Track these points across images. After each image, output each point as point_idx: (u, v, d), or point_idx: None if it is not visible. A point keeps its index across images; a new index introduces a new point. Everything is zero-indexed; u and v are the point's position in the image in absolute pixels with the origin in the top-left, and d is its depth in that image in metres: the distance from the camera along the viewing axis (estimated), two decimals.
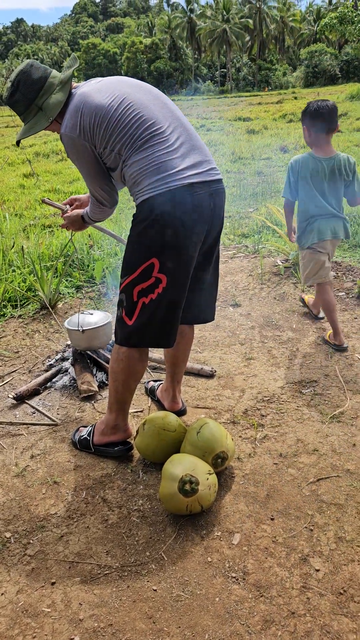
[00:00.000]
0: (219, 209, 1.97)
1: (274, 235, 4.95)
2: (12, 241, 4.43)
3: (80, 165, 1.94)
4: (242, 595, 1.56)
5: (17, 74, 1.92)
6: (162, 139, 1.82)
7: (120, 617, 1.53)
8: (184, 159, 1.84)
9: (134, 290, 1.90)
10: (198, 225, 1.87)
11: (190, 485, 1.76)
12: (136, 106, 1.84)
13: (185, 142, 1.88)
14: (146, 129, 1.81)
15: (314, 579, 1.60)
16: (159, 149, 1.81)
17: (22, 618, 1.54)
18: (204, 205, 1.86)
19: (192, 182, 1.82)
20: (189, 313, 2.15)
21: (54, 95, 1.90)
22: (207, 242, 1.99)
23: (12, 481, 2.10)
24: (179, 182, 1.79)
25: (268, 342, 3.04)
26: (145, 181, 1.81)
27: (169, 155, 1.81)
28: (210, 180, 1.89)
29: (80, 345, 2.83)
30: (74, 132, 1.84)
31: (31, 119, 1.95)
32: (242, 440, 2.23)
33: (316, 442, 2.18)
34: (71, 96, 1.90)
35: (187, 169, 1.82)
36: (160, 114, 1.87)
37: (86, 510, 1.93)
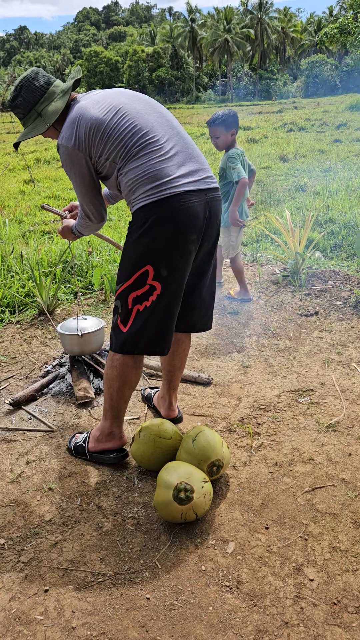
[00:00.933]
0: (214, 218, 1.97)
1: (273, 244, 4.97)
2: (12, 247, 4.44)
3: (73, 176, 1.95)
4: (236, 605, 1.56)
5: (21, 79, 1.96)
6: (156, 147, 1.83)
7: (113, 625, 1.52)
8: (179, 167, 1.85)
9: (128, 297, 1.91)
10: (193, 233, 1.88)
11: (185, 493, 1.76)
12: (131, 115, 1.86)
13: (180, 150, 1.89)
14: (140, 137, 1.83)
15: (308, 588, 1.59)
16: (153, 157, 1.82)
17: (14, 625, 1.54)
18: (199, 214, 1.87)
19: (187, 190, 1.83)
20: (186, 321, 2.15)
21: (54, 103, 1.93)
22: (203, 251, 2.00)
23: (7, 487, 2.09)
24: (173, 190, 1.80)
25: (265, 351, 3.04)
26: (140, 189, 1.82)
27: (164, 164, 1.82)
28: (206, 189, 1.90)
29: (73, 351, 2.83)
30: (70, 142, 1.86)
31: (30, 124, 1.98)
32: (237, 448, 2.23)
33: (312, 451, 2.18)
34: (71, 107, 1.93)
35: (182, 177, 1.83)
36: (155, 123, 1.89)
37: (81, 517, 1.92)
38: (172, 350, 2.24)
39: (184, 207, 1.82)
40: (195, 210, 1.85)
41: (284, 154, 11.51)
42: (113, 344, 2.00)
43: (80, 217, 2.13)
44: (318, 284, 3.86)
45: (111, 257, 4.54)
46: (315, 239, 4.32)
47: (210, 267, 2.10)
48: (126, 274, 1.91)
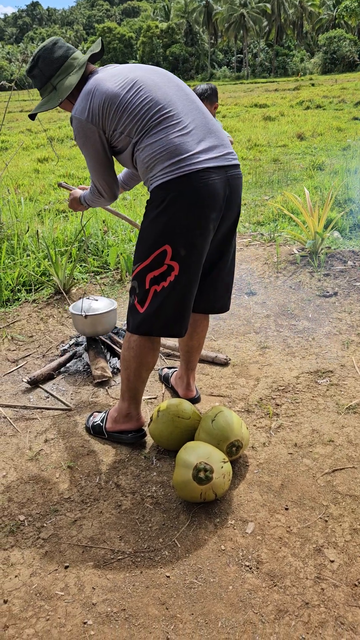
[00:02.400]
0: (235, 196, 1.92)
1: (291, 224, 4.89)
2: (27, 225, 4.42)
3: (86, 150, 1.90)
4: (256, 584, 1.55)
5: (39, 49, 1.91)
6: (174, 122, 1.78)
7: (133, 602, 1.53)
8: (198, 143, 1.79)
9: (146, 278, 1.88)
10: (213, 212, 1.83)
11: (205, 473, 1.75)
12: (148, 89, 1.80)
13: (200, 125, 1.83)
14: (158, 111, 1.77)
15: (329, 570, 1.58)
16: (172, 132, 1.76)
17: (35, 600, 1.55)
18: (219, 191, 1.82)
19: (208, 167, 1.77)
20: (204, 302, 2.12)
21: (69, 77, 1.88)
22: (222, 230, 1.96)
23: (26, 465, 2.10)
24: (193, 167, 1.75)
25: (283, 331, 3.00)
26: (159, 166, 1.77)
27: (183, 138, 1.76)
28: (227, 165, 1.84)
29: (84, 331, 2.81)
30: (83, 115, 1.82)
31: (46, 96, 1.95)
32: (256, 429, 2.21)
33: (332, 432, 2.15)
34: (88, 79, 1.88)
35: (201, 152, 1.78)
36: (174, 97, 1.83)
37: (99, 495, 1.93)
38: (190, 331, 2.21)
39: (204, 184, 1.77)
40: (215, 187, 1.80)
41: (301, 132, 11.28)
42: (130, 325, 1.98)
43: (91, 191, 2.10)
44: (337, 265, 3.80)
45: (127, 236, 4.51)
46: (334, 219, 4.23)
47: (230, 247, 2.06)
48: (144, 254, 1.88)
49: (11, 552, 1.71)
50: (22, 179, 8.48)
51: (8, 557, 1.69)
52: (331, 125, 12.24)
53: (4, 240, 4.08)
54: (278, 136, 11.21)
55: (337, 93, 21.27)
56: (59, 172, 8.94)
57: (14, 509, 1.89)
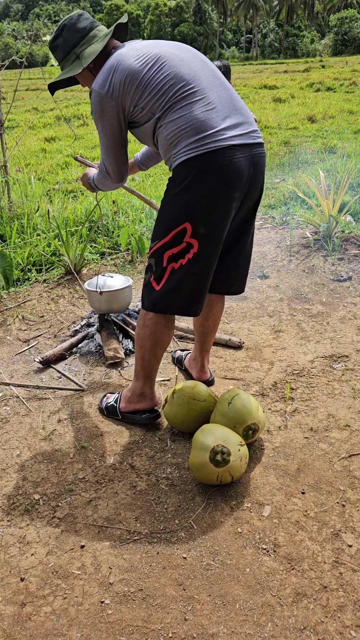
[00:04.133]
0: (259, 175, 1.87)
1: (303, 207, 4.82)
2: (37, 205, 4.37)
3: (101, 125, 1.85)
4: (273, 567, 1.54)
5: (64, 20, 1.88)
6: (199, 97, 1.73)
7: (150, 582, 1.52)
8: (224, 119, 1.74)
9: (164, 255, 1.85)
10: (236, 191, 1.79)
11: (222, 456, 1.73)
12: (171, 64, 1.75)
13: (225, 101, 1.78)
14: (182, 86, 1.73)
15: (347, 554, 1.57)
16: (196, 107, 1.72)
17: (52, 579, 1.55)
18: (243, 170, 1.78)
19: (233, 145, 1.73)
20: (220, 283, 2.09)
21: (93, 45, 1.85)
22: (244, 209, 1.92)
23: (39, 444, 2.09)
24: (218, 144, 1.71)
25: (297, 315, 2.97)
26: (182, 142, 1.73)
27: (208, 114, 1.72)
28: (252, 144, 1.80)
29: (100, 308, 2.80)
30: (103, 89, 1.77)
31: (68, 66, 1.90)
32: (271, 413, 2.20)
33: (348, 417, 2.13)
34: (111, 54, 1.83)
35: (227, 129, 1.73)
36: (199, 72, 1.78)
37: (114, 476, 1.92)
38: (205, 312, 2.19)
39: (228, 162, 1.73)
40: (240, 166, 1.76)
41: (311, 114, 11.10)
42: (145, 302, 1.95)
43: (100, 172, 2.05)
44: (351, 249, 3.75)
45: (137, 217, 4.45)
46: (347, 203, 4.17)
47: (251, 228, 2.02)
48: (163, 232, 1.84)
49: (27, 530, 1.71)
50: (29, 158, 8.39)
51: (24, 536, 1.69)
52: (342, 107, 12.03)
53: (14, 219, 4.04)
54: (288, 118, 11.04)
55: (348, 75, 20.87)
56: (67, 152, 8.84)
57: (28, 487, 1.88)
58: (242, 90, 17.65)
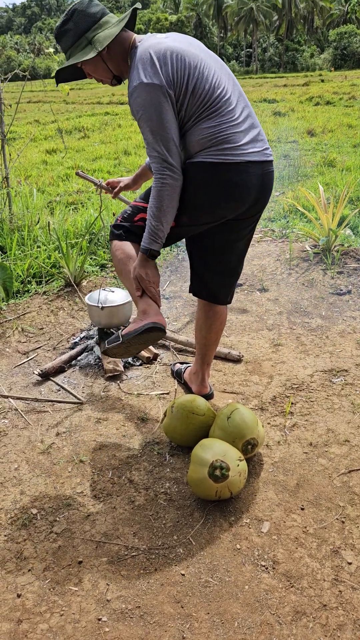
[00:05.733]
0: (267, 191, 1.94)
1: (302, 220, 4.85)
2: (38, 217, 4.39)
3: (157, 117, 1.70)
4: (272, 585, 1.53)
5: (74, 4, 1.79)
6: (229, 109, 1.78)
7: (148, 599, 1.51)
8: (246, 134, 1.82)
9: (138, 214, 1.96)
10: (235, 204, 1.86)
11: (221, 471, 1.73)
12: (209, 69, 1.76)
13: (248, 116, 1.85)
14: (218, 95, 1.76)
15: (346, 572, 1.56)
16: (225, 121, 1.77)
17: (49, 595, 1.53)
18: (251, 187, 1.84)
19: (249, 160, 1.80)
20: (206, 289, 2.13)
21: (108, 30, 1.76)
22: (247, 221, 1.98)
23: (37, 458, 2.08)
24: (238, 158, 1.78)
25: (296, 329, 2.97)
26: (206, 149, 1.78)
27: (234, 129, 1.79)
28: (264, 161, 1.87)
29: (100, 323, 2.80)
30: (154, 79, 1.67)
31: (78, 52, 1.78)
32: (270, 427, 2.19)
33: (347, 432, 2.13)
34: (133, 49, 1.77)
35: (247, 144, 1.81)
36: (226, 82, 1.82)
37: (112, 490, 1.91)
38: (208, 324, 2.19)
39: (239, 177, 1.80)
40: (250, 182, 1.83)
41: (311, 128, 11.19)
42: (110, 235, 2.03)
43: (160, 180, 1.75)
44: (351, 262, 3.76)
45: None
46: (347, 216, 4.19)
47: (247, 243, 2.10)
48: None
49: (24, 545, 1.70)
50: (30, 170, 8.44)
51: (21, 551, 1.68)
52: (342, 121, 12.13)
53: (14, 231, 4.05)
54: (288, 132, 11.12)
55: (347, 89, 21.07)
56: (68, 164, 8.89)
57: (26, 502, 1.87)
58: None
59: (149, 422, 2.27)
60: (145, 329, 1.87)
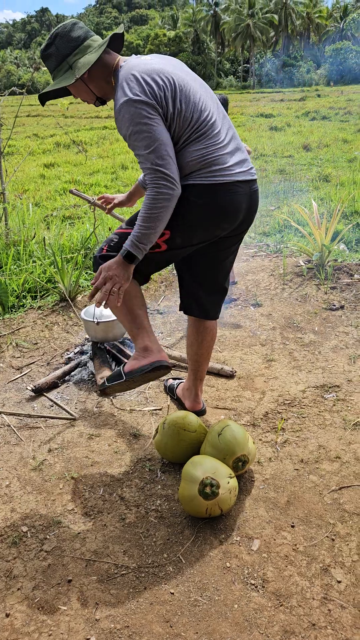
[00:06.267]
0: (254, 209, 1.99)
1: (297, 235, 4.89)
2: (34, 232, 4.42)
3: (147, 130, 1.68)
4: (262, 604, 1.53)
5: (57, 28, 1.82)
6: (216, 132, 1.82)
7: (137, 619, 1.51)
8: (232, 155, 1.86)
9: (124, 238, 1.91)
10: (228, 222, 1.90)
11: (211, 489, 1.73)
12: (187, 93, 1.78)
13: (232, 138, 1.90)
14: (205, 119, 1.80)
15: (336, 590, 1.56)
16: (213, 143, 1.81)
17: (38, 615, 1.53)
18: (241, 206, 1.89)
19: (238, 180, 1.85)
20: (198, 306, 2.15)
21: (88, 55, 1.79)
22: (233, 238, 2.02)
23: (29, 474, 2.08)
24: (227, 178, 1.82)
25: (289, 344, 2.99)
26: (194, 171, 1.81)
27: (221, 151, 1.83)
28: (250, 180, 1.92)
29: (96, 337, 2.82)
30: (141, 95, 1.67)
31: (60, 76, 1.82)
32: (262, 443, 2.19)
33: (338, 449, 2.13)
34: (118, 68, 1.79)
35: (234, 165, 1.85)
36: (212, 106, 1.87)
37: (103, 507, 1.91)
38: (199, 340, 2.21)
39: (230, 196, 1.84)
40: (239, 201, 1.87)
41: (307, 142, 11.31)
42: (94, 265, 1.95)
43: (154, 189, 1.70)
44: (344, 278, 3.79)
45: None
46: (341, 231, 4.23)
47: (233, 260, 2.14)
48: None
49: (14, 564, 1.69)
50: (28, 184, 8.50)
51: (10, 570, 1.67)
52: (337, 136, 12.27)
53: (10, 246, 4.08)
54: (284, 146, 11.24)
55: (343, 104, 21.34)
56: (65, 178, 8.96)
57: (16, 519, 1.87)
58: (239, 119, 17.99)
59: (141, 438, 2.27)
60: (153, 368, 1.89)
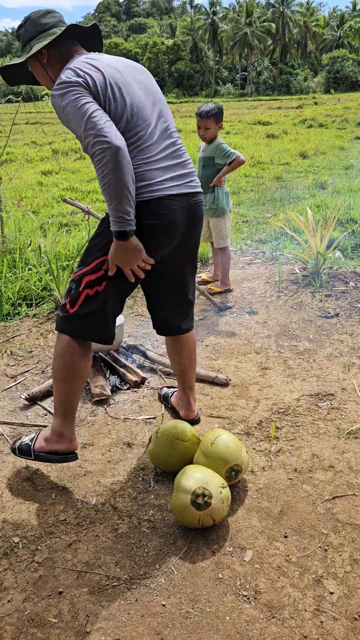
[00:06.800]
0: (196, 223, 1.94)
1: (292, 242, 4.90)
2: (29, 239, 4.42)
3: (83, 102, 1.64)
4: (254, 616, 1.52)
5: (32, 12, 1.88)
6: (146, 145, 1.78)
7: (127, 631, 1.49)
8: (165, 170, 1.81)
9: (83, 280, 1.89)
10: (167, 238, 1.86)
11: (203, 499, 1.72)
12: (130, 96, 1.76)
13: (172, 150, 1.85)
14: (133, 127, 1.76)
15: (328, 602, 1.55)
16: (142, 157, 1.77)
17: (28, 627, 1.52)
18: (178, 219, 1.85)
19: (171, 194, 1.80)
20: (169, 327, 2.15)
21: (46, 40, 1.82)
22: (180, 254, 1.99)
23: (22, 484, 2.07)
24: (156, 194, 1.77)
25: (284, 352, 2.99)
26: None
27: (151, 165, 1.78)
28: (190, 193, 1.87)
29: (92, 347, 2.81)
30: (72, 77, 1.68)
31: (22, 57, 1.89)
32: (256, 452, 2.19)
33: (332, 458, 2.13)
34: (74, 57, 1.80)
35: (167, 180, 1.80)
36: (152, 115, 1.82)
37: (96, 518, 1.90)
38: (178, 352, 2.23)
39: (163, 211, 1.80)
40: (175, 214, 1.83)
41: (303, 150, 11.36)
42: (58, 324, 1.95)
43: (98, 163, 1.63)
44: (339, 285, 3.79)
45: None
46: (337, 239, 4.24)
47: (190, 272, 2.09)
48: (88, 260, 1.88)
49: (4, 575, 1.68)
50: (25, 192, 8.51)
51: (1, 581, 1.66)
52: (334, 144, 12.33)
53: (6, 253, 4.08)
54: (281, 154, 11.29)
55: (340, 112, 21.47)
56: (63, 185, 8.98)
57: (8, 530, 1.85)
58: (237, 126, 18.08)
59: (134, 447, 2.27)
60: (61, 459, 2.00)
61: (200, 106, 3.56)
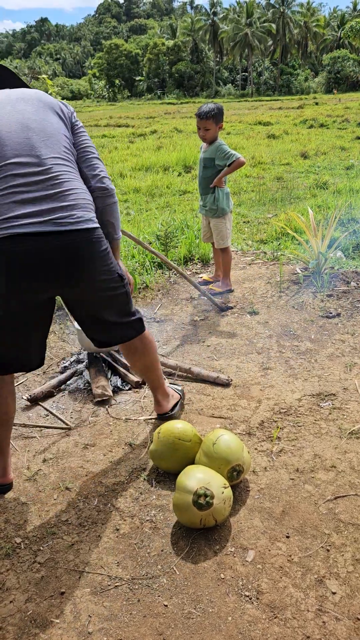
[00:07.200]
0: (77, 260, 1.76)
1: (294, 242, 4.90)
2: None
3: None
4: (256, 616, 1.52)
5: None
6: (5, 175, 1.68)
7: (130, 632, 1.49)
8: (23, 205, 1.66)
9: None
10: (21, 282, 1.71)
11: (205, 499, 1.72)
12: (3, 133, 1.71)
13: (33, 184, 1.69)
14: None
15: (330, 602, 1.55)
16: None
17: (30, 628, 1.52)
18: (34, 260, 1.68)
19: (17, 233, 1.64)
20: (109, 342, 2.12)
21: None
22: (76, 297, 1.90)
23: (23, 485, 2.07)
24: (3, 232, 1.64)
25: (286, 352, 2.99)
26: None
27: (5, 199, 1.65)
28: (59, 231, 1.69)
29: (90, 347, 2.81)
30: None
31: None
32: (257, 452, 2.19)
33: (334, 458, 2.13)
34: None
35: (20, 217, 1.65)
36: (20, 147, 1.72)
37: (98, 518, 1.90)
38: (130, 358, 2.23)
39: (6, 252, 1.65)
40: (24, 255, 1.66)
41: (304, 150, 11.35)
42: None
43: None
44: (340, 285, 3.79)
45: (130, 252, 4.51)
46: (338, 239, 4.24)
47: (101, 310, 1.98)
48: None
49: (7, 576, 1.68)
50: None
51: (3, 582, 1.66)
52: (335, 144, 12.33)
53: None
54: (282, 154, 11.28)
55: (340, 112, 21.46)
56: None
57: (10, 530, 1.86)
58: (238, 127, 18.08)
59: (136, 448, 2.27)
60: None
61: (200, 107, 3.56)
